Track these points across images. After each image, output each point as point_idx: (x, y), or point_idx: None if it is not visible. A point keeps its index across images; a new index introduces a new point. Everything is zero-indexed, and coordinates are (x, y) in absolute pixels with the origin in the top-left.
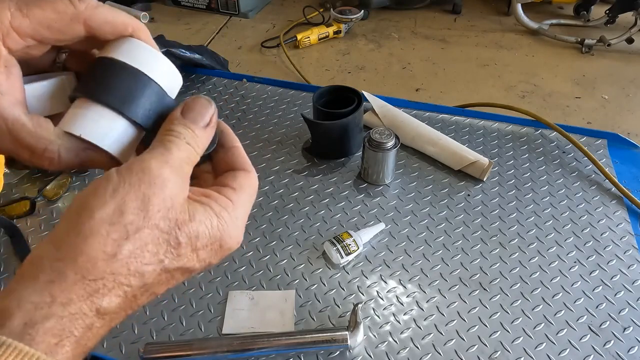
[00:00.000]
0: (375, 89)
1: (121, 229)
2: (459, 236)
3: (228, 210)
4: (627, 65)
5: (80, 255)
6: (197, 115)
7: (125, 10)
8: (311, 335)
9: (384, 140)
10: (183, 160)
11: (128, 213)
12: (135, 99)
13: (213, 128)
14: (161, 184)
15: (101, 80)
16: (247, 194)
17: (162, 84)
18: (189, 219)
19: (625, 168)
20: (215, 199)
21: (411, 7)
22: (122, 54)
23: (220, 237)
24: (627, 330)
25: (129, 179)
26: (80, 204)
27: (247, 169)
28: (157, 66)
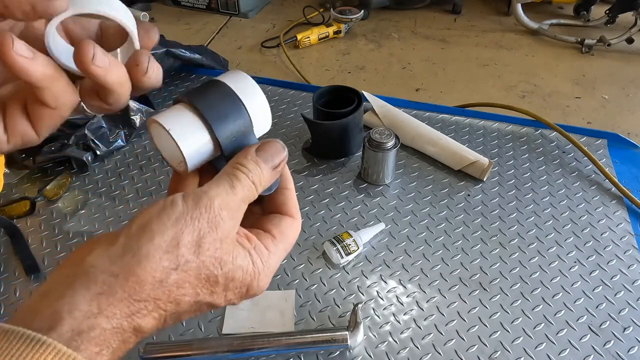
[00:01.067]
0: (375, 89)
1: (173, 259)
2: (459, 236)
3: (263, 260)
4: (627, 65)
5: (132, 275)
6: (269, 156)
7: None
8: (311, 335)
9: (384, 140)
10: (243, 200)
11: (182, 245)
12: (227, 122)
13: (279, 172)
14: (217, 224)
15: (205, 95)
16: (285, 243)
17: (254, 121)
18: (231, 261)
19: (625, 168)
20: (255, 246)
21: (411, 7)
22: (232, 82)
23: (249, 283)
24: (627, 330)
25: (192, 212)
26: (143, 225)
27: (294, 216)
28: (257, 104)
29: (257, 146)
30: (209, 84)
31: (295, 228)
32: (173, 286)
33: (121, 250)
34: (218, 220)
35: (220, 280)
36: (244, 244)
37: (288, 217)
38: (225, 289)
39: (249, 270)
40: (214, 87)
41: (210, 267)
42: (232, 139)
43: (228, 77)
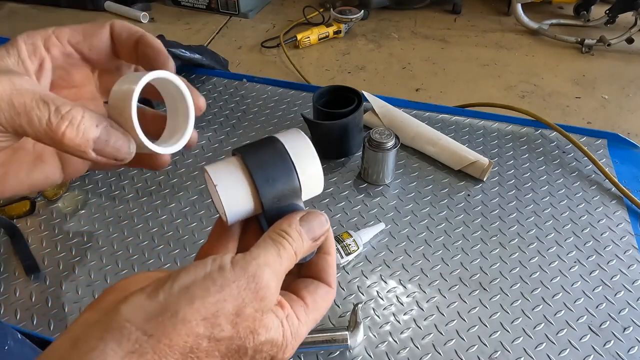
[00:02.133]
0: (375, 89)
1: (208, 327)
2: (459, 236)
3: (292, 331)
4: (627, 65)
5: (165, 338)
6: (312, 228)
7: (126, 10)
8: (311, 335)
9: (384, 140)
10: (285, 270)
11: (221, 315)
12: (274, 185)
13: (317, 245)
14: (263, 295)
15: (257, 153)
16: (317, 314)
17: (303, 185)
18: (264, 333)
19: (625, 168)
20: (287, 315)
21: (411, 7)
22: (288, 142)
23: (274, 354)
24: (627, 330)
25: (239, 280)
26: (186, 286)
27: (330, 285)
28: (309, 169)
29: (301, 215)
30: (266, 141)
31: (329, 298)
32: (202, 353)
33: (159, 309)
34: (265, 292)
35: (249, 352)
36: (277, 313)
37: (324, 286)
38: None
39: (278, 342)
40: (269, 145)
41: (244, 339)
42: (276, 201)
43: (287, 136)
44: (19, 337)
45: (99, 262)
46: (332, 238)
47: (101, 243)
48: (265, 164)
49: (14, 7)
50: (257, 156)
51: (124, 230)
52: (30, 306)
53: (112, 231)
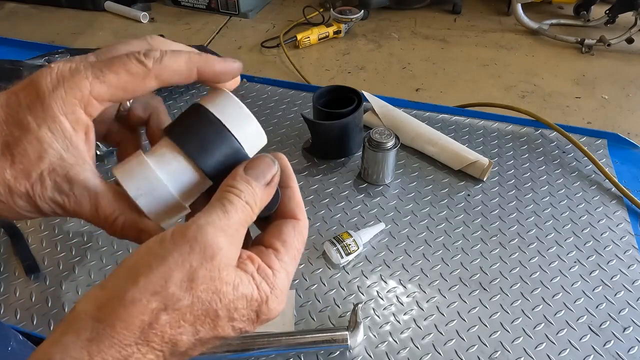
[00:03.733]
0: (375, 89)
1: (161, 299)
2: (459, 236)
3: (268, 282)
4: (627, 65)
5: (118, 321)
6: (259, 173)
7: (126, 10)
8: (311, 335)
9: (384, 140)
10: (240, 223)
11: (171, 284)
12: (212, 152)
13: (273, 187)
14: (212, 254)
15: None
16: (292, 253)
17: (243, 142)
18: (231, 291)
19: (625, 168)
20: (258, 267)
21: (411, 7)
22: (215, 107)
23: (257, 309)
24: (627, 330)
25: (180, 247)
26: (130, 267)
27: (297, 217)
28: (243, 125)
29: (244, 165)
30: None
31: (300, 231)
32: (166, 327)
33: (108, 294)
34: (213, 249)
35: (221, 313)
36: (246, 269)
37: (290, 221)
38: (231, 320)
39: (254, 297)
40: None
41: (208, 302)
42: (221, 164)
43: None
44: (20, 339)
45: (99, 262)
46: (290, 170)
47: (101, 243)
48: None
49: (14, 7)
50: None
51: None
52: (30, 306)
53: None
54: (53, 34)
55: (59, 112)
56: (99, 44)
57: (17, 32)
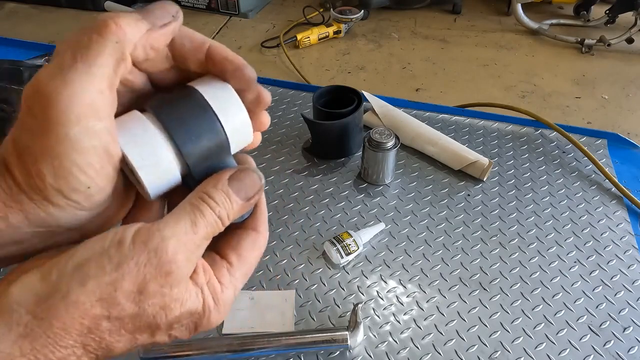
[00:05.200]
0: (375, 89)
1: (106, 307)
2: (459, 236)
3: (215, 297)
4: (627, 65)
5: (57, 321)
6: (242, 188)
7: (126, 10)
8: (311, 335)
9: (384, 140)
10: (205, 238)
11: (120, 293)
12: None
13: (252, 205)
14: (168, 270)
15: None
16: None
17: (230, 137)
18: (179, 307)
19: (625, 168)
20: (209, 280)
21: (411, 7)
22: (207, 91)
23: (197, 321)
24: (627, 330)
25: (138, 256)
26: (81, 264)
27: (257, 229)
28: (234, 118)
29: (230, 173)
30: (181, 92)
31: (258, 246)
32: (105, 333)
33: (50, 289)
34: (171, 266)
35: (162, 326)
36: (197, 280)
37: (251, 234)
38: (169, 329)
39: (197, 311)
40: (185, 96)
41: (152, 316)
42: (203, 160)
43: (202, 83)
44: None
45: None
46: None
47: None
48: (182, 119)
49: (14, 7)
50: (172, 110)
51: None
52: None
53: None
54: (53, 34)
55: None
56: None
57: (17, 32)
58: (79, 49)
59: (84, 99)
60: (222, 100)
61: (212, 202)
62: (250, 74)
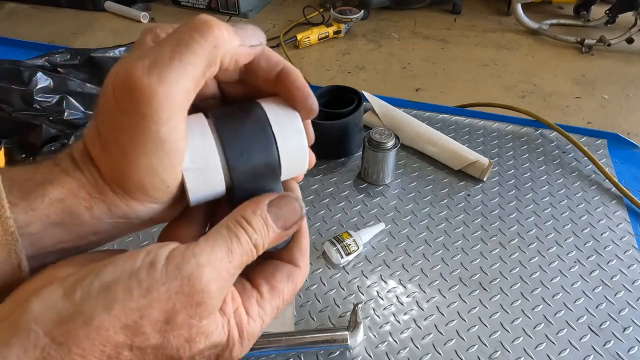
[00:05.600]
0: (375, 89)
1: (129, 336)
2: (459, 236)
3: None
4: (627, 65)
5: (77, 347)
6: (281, 216)
7: (126, 10)
8: (311, 335)
9: (384, 140)
10: (239, 266)
11: (146, 321)
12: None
13: (289, 234)
14: (199, 301)
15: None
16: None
17: (283, 161)
18: (204, 340)
19: (625, 168)
20: (236, 309)
21: (411, 7)
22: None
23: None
24: (627, 330)
25: (170, 282)
26: (108, 284)
27: (297, 264)
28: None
29: (270, 199)
30: (245, 106)
31: (294, 281)
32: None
33: (73, 311)
34: (203, 296)
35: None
36: (225, 310)
37: (287, 267)
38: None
39: (222, 344)
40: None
41: (176, 348)
42: (249, 179)
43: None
44: None
45: None
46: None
47: None
48: (240, 133)
49: (14, 7)
50: (232, 122)
51: None
52: None
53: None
54: (53, 34)
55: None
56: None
57: (17, 32)
58: (178, 46)
59: (176, 98)
60: (284, 123)
61: (249, 229)
62: (314, 105)
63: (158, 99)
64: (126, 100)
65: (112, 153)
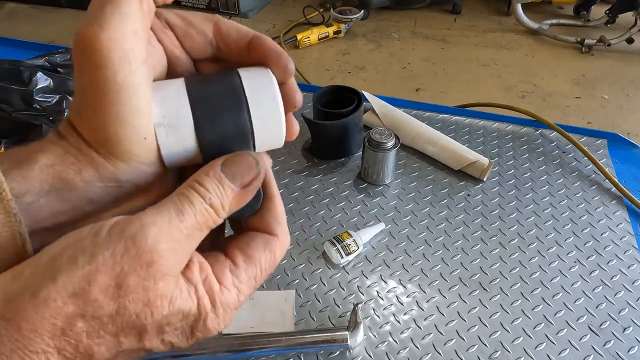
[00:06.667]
0: (375, 89)
1: (81, 304)
2: (459, 236)
3: (211, 297)
4: (627, 65)
5: (25, 322)
6: (237, 172)
7: None
8: (311, 335)
9: (384, 140)
10: (195, 227)
11: (95, 287)
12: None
13: (252, 192)
14: (148, 260)
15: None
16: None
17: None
18: (167, 304)
19: (625, 168)
20: (205, 278)
21: (411, 7)
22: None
23: (192, 325)
24: (627, 330)
25: (114, 246)
26: (55, 256)
27: (274, 232)
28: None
29: (223, 159)
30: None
31: (272, 250)
32: (82, 335)
33: (21, 287)
34: (152, 255)
35: (149, 328)
36: (191, 277)
37: (263, 236)
38: (161, 333)
39: (191, 312)
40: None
41: (135, 314)
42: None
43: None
44: None
45: None
46: (270, 177)
47: None
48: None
49: (14, 7)
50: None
51: None
52: None
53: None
54: (53, 34)
55: None
56: None
57: (17, 32)
58: None
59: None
60: (258, 87)
61: (202, 190)
62: (289, 64)
63: (104, 45)
64: (81, 58)
65: (87, 115)
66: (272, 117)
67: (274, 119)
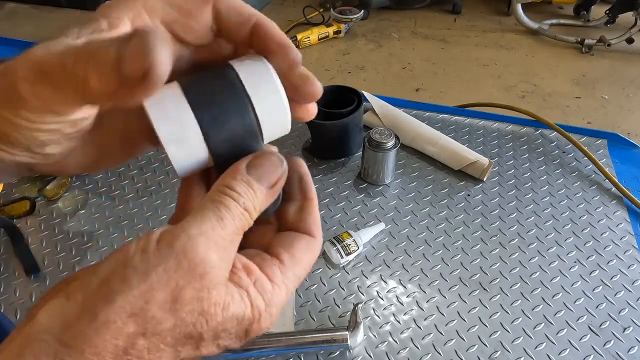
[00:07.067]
0: (375, 89)
1: (140, 323)
2: (459, 236)
3: (265, 297)
4: (627, 65)
5: (88, 346)
6: (263, 173)
7: None
8: (311, 335)
9: (384, 140)
10: (235, 232)
11: (153, 305)
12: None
13: (277, 192)
14: (202, 272)
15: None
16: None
17: (262, 121)
18: (220, 312)
19: (625, 168)
20: (256, 280)
21: (411, 7)
22: (243, 69)
23: (247, 327)
24: (627, 330)
25: (166, 261)
26: (106, 279)
27: (313, 234)
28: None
29: (247, 160)
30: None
31: (313, 250)
32: (143, 352)
33: (78, 311)
34: (205, 267)
35: (206, 335)
36: (240, 282)
37: (305, 237)
38: (216, 339)
39: (246, 316)
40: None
41: (192, 324)
42: (228, 146)
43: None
44: None
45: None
46: (309, 180)
47: (101, 243)
48: (212, 99)
49: (14, 7)
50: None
51: (124, 230)
52: (30, 306)
53: (112, 231)
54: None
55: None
56: None
57: (17, 32)
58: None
59: None
60: (258, 81)
61: (234, 194)
62: (294, 56)
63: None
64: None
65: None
66: (277, 108)
67: (278, 110)
